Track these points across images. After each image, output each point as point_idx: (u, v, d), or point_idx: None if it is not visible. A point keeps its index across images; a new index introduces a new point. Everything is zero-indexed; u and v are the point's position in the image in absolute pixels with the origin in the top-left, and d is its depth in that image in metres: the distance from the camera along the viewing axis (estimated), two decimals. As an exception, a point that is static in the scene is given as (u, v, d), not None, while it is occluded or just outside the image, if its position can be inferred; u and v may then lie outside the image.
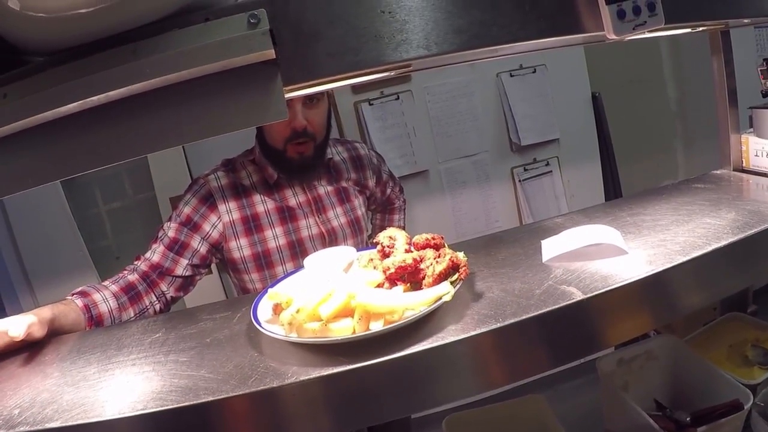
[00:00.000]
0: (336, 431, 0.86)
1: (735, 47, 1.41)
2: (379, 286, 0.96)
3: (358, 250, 1.18)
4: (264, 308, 1.02)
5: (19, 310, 1.22)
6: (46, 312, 1.22)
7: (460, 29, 0.86)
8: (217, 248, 1.67)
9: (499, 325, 0.86)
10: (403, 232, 1.08)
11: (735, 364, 1.59)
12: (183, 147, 2.79)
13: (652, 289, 0.96)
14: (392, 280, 0.96)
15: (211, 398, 0.82)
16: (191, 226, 1.62)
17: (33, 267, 2.80)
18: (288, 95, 0.88)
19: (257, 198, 1.69)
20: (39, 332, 1.15)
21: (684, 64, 3.65)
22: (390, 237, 1.06)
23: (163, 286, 1.56)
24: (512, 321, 0.86)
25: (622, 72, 3.60)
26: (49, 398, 0.89)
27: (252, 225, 1.67)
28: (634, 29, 0.92)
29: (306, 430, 0.86)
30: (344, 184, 1.85)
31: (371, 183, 1.96)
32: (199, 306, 1.21)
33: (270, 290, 1.00)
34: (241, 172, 1.73)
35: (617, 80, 3.57)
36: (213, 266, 2.89)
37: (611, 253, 1.04)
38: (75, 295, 1.38)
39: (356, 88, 2.90)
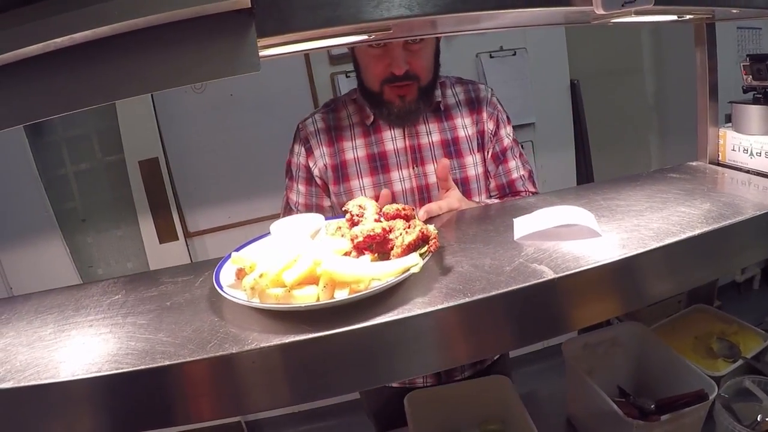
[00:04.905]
0: (296, 401, 0.84)
1: (717, 45, 1.40)
2: (347, 254, 0.94)
3: None
4: (227, 273, 0.99)
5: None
6: None
7: (444, -9, 0.83)
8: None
9: (467, 300, 0.84)
10: (373, 201, 1.06)
11: (700, 356, 1.61)
12: (155, 110, 2.75)
13: (624, 273, 0.95)
14: (360, 249, 0.94)
15: (167, 362, 0.79)
16: (305, 174, 1.59)
17: (-4, 227, 2.74)
18: (263, 52, 0.85)
19: (348, 144, 1.57)
20: None
21: (664, 58, 3.68)
22: (359, 206, 1.03)
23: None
24: (481, 296, 0.84)
25: (602, 61, 3.63)
26: (2, 358, 0.86)
27: (339, 173, 1.56)
28: (623, 6, 0.90)
29: (265, 398, 0.84)
30: (460, 133, 1.62)
31: (488, 127, 1.65)
32: (161, 269, 1.18)
33: (234, 254, 0.97)
34: (342, 111, 1.62)
35: (597, 69, 3.60)
36: (180, 232, 2.89)
37: (584, 234, 1.03)
38: None
39: (334, 60, 2.86)
